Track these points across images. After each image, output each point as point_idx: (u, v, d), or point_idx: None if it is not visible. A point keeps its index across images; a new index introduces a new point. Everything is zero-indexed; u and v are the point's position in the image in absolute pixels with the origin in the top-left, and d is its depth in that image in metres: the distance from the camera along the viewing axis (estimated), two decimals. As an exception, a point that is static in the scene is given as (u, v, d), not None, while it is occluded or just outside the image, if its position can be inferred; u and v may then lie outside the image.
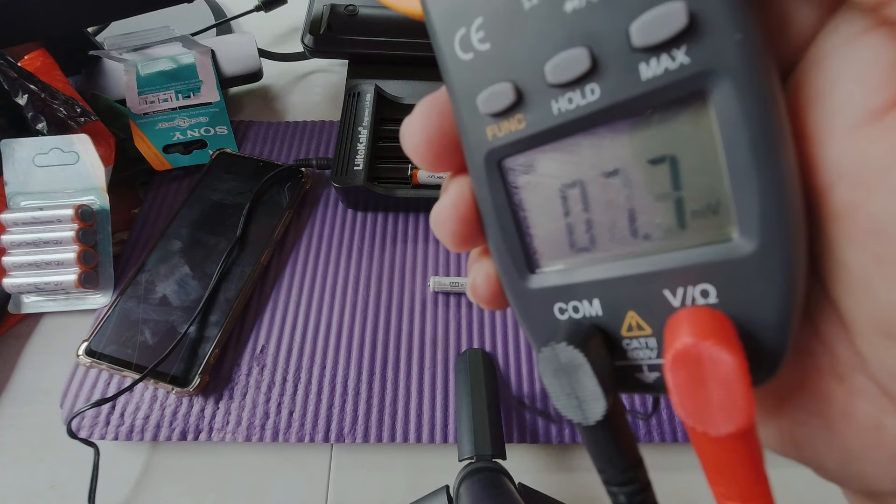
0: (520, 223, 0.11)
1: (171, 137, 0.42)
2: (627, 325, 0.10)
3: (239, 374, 0.33)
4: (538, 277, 0.11)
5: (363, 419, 0.32)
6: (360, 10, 0.44)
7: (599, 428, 0.10)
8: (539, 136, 0.09)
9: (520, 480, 0.28)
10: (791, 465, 0.12)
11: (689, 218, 0.09)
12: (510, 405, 0.32)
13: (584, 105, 0.09)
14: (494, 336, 0.35)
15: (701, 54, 0.08)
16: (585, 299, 0.10)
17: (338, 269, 0.38)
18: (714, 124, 0.08)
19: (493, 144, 0.10)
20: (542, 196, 0.10)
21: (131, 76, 0.44)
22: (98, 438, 0.31)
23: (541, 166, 0.10)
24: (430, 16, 0.10)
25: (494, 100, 0.09)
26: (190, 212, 0.39)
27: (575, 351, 0.09)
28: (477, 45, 0.09)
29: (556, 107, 0.09)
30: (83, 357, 0.32)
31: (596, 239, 0.10)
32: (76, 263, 0.35)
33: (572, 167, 0.10)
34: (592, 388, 0.09)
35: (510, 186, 0.10)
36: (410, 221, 0.40)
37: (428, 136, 0.11)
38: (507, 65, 0.09)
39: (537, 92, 0.09)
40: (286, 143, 0.44)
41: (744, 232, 0.08)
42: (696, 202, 0.09)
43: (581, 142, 0.09)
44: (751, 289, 0.08)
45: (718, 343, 0.08)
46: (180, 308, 0.34)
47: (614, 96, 0.08)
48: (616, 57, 0.08)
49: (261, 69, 0.46)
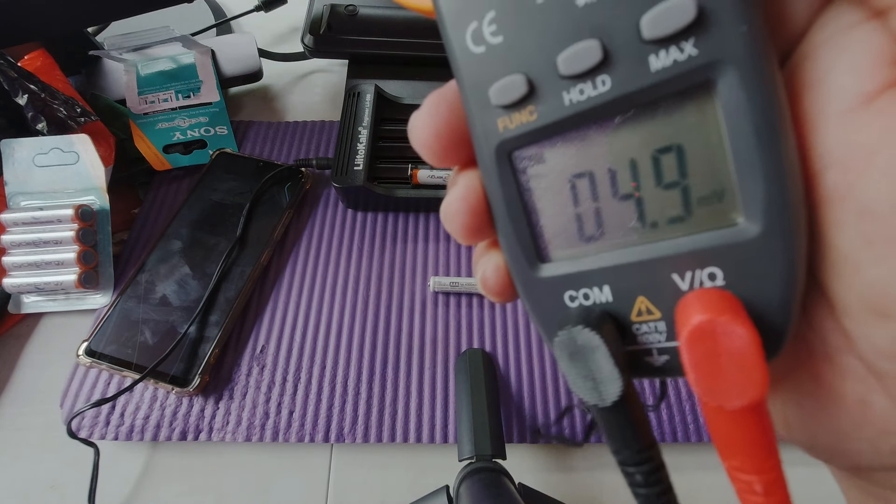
0: (530, 214, 0.11)
1: (171, 137, 0.42)
2: (637, 310, 0.10)
3: (239, 374, 0.33)
4: (548, 266, 0.11)
5: (363, 419, 0.32)
6: (360, 10, 0.44)
7: (616, 409, 0.10)
8: (551, 126, 0.10)
9: (520, 480, 0.28)
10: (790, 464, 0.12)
11: (696, 205, 0.09)
12: (510, 405, 0.32)
13: (595, 96, 0.09)
14: (494, 336, 0.35)
15: (708, 46, 0.08)
16: (596, 286, 0.10)
17: (338, 269, 0.38)
18: (720, 113, 0.08)
19: (505, 136, 0.10)
20: (552, 186, 0.10)
21: (131, 76, 0.44)
22: (98, 438, 0.31)
23: (551, 157, 0.10)
24: (440, 11, 0.10)
25: (507, 92, 0.10)
26: (190, 212, 0.39)
27: (591, 333, 0.09)
28: (489, 38, 0.09)
29: (567, 98, 0.09)
30: (83, 357, 0.32)
31: (605, 227, 0.10)
32: (76, 263, 0.35)
33: (582, 158, 0.10)
34: (609, 369, 0.09)
35: (520, 178, 0.11)
36: (410, 221, 0.40)
37: (436, 130, 0.11)
38: (519, 57, 0.09)
39: (549, 83, 0.09)
40: (286, 143, 0.44)
41: (748, 216, 0.09)
42: (702, 189, 0.09)
43: (591, 133, 0.10)
44: (756, 270, 0.09)
45: (733, 318, 0.08)
46: (180, 308, 0.34)
47: (625, 87, 0.09)
48: (627, 49, 0.08)
49: (261, 69, 0.46)
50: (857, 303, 0.09)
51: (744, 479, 0.09)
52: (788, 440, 0.11)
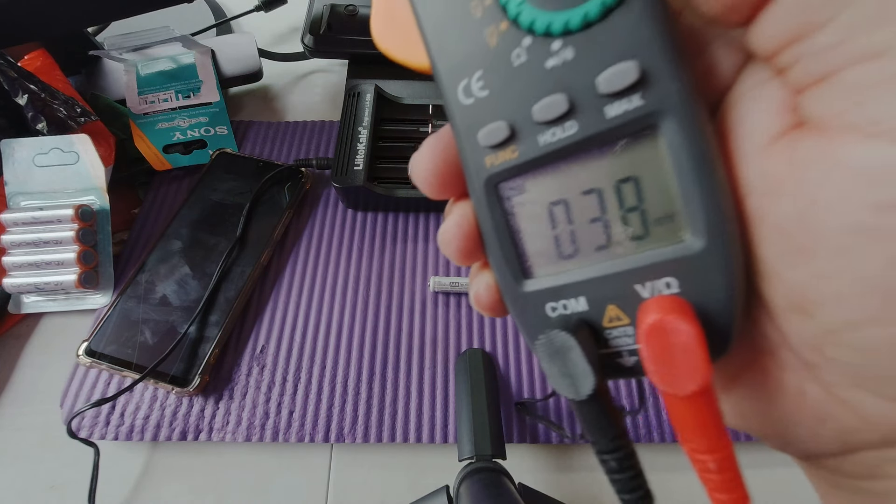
0: (514, 236, 0.13)
1: (171, 137, 0.42)
2: (609, 317, 0.12)
3: (239, 374, 0.33)
4: (532, 282, 0.13)
5: (363, 419, 0.32)
6: (360, 10, 0.44)
7: (590, 402, 0.11)
8: (529, 163, 0.12)
9: (520, 480, 0.28)
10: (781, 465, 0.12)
11: (652, 225, 0.11)
12: (510, 405, 0.32)
13: (564, 138, 0.11)
14: (494, 336, 0.35)
15: (650, 98, 0.10)
16: (573, 297, 0.12)
17: (338, 269, 0.38)
18: (664, 151, 0.10)
19: (491, 171, 0.12)
20: (532, 213, 0.12)
21: (131, 76, 0.44)
22: (98, 438, 0.31)
23: (531, 188, 0.12)
24: (438, 70, 0.12)
25: (492, 135, 0.12)
26: (190, 212, 0.39)
27: (566, 335, 0.11)
28: (477, 92, 0.11)
29: (542, 139, 0.11)
30: (83, 357, 0.32)
31: (579, 246, 0.12)
32: (76, 263, 0.35)
33: (557, 188, 0.12)
34: (583, 366, 0.11)
35: (506, 206, 0.12)
36: (410, 221, 0.40)
37: (434, 168, 0.13)
38: (502, 107, 0.11)
39: (527, 128, 0.11)
40: (286, 143, 0.44)
41: (693, 234, 0.10)
42: (657, 212, 0.11)
43: (563, 167, 0.11)
44: (702, 279, 0.10)
45: (679, 317, 0.10)
46: (180, 308, 0.34)
47: (587, 131, 0.11)
48: (587, 101, 0.10)
49: (261, 69, 0.46)
50: (783, 304, 0.10)
51: (700, 458, 0.11)
52: (747, 431, 0.13)
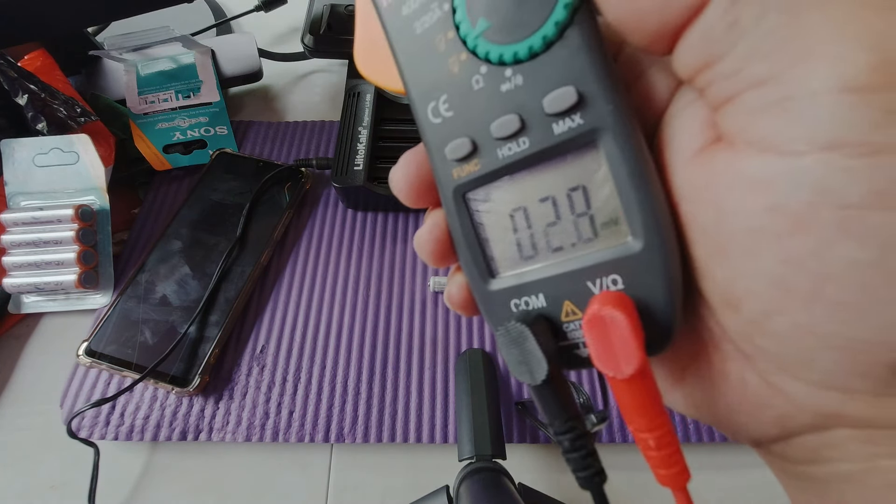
0: (481, 240, 0.14)
1: (171, 137, 0.42)
2: (565, 311, 0.13)
3: (239, 374, 0.33)
4: (497, 281, 0.14)
5: (363, 419, 0.32)
6: (360, 10, 0.43)
7: (544, 387, 0.12)
8: (490, 174, 0.13)
9: (520, 480, 0.28)
10: None
11: (599, 228, 0.12)
12: (510, 405, 0.32)
13: (519, 151, 0.12)
14: (494, 336, 0.35)
15: (589, 117, 0.11)
16: (533, 294, 0.13)
17: (338, 269, 0.38)
18: (605, 163, 0.12)
19: (458, 182, 0.13)
20: (496, 219, 0.14)
21: (131, 76, 0.44)
22: (98, 438, 0.31)
23: (494, 197, 0.13)
24: (410, 94, 0.13)
25: (458, 150, 0.13)
26: (190, 212, 0.39)
27: (521, 326, 0.12)
28: (444, 112, 0.13)
29: (500, 153, 0.13)
30: (83, 357, 0.32)
31: (537, 248, 0.13)
32: (76, 263, 0.35)
33: (516, 196, 0.13)
34: (537, 354, 0.12)
35: (472, 213, 0.14)
36: (410, 221, 0.40)
37: (409, 181, 0.14)
38: (465, 125, 0.13)
39: (487, 143, 0.13)
40: (286, 143, 0.44)
41: (633, 235, 0.12)
42: (603, 216, 0.12)
43: (521, 178, 0.13)
44: (643, 276, 0.12)
45: (614, 307, 0.11)
46: (180, 308, 0.34)
47: (538, 145, 0.12)
48: (536, 120, 0.12)
49: (261, 69, 0.46)
50: (717, 299, 0.11)
51: (642, 437, 0.12)
52: (700, 420, 0.14)
